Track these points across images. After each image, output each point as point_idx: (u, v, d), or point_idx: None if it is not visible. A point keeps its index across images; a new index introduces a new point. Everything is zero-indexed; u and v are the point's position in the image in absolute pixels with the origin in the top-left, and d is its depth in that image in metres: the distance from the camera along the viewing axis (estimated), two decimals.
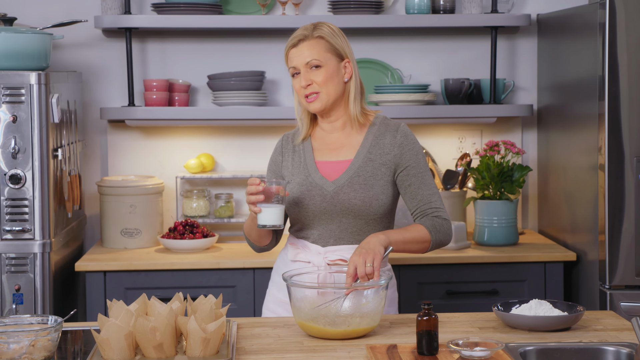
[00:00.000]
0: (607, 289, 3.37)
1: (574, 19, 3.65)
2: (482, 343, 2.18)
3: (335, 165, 2.70)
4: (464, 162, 3.92)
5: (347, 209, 2.65)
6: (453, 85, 3.93)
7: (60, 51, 3.99)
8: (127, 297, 3.49)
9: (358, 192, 2.65)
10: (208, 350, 2.15)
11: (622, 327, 2.48)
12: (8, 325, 2.23)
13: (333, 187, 2.66)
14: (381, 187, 2.67)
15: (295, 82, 2.68)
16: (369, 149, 2.69)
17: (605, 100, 3.33)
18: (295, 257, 2.70)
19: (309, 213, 2.67)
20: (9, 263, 3.35)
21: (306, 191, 2.67)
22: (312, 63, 2.64)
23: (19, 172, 3.33)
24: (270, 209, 2.54)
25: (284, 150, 2.78)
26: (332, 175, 2.68)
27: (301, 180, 2.69)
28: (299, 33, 2.68)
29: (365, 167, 2.67)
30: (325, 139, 2.74)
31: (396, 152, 2.69)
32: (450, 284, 3.59)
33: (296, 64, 2.66)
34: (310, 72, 2.65)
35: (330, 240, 2.68)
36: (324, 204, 2.66)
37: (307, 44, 2.66)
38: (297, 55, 2.66)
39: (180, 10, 3.83)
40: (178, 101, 3.95)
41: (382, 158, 2.68)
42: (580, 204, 3.59)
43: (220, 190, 4.04)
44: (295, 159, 2.74)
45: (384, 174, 2.68)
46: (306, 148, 2.74)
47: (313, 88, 2.65)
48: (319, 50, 2.65)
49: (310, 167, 2.70)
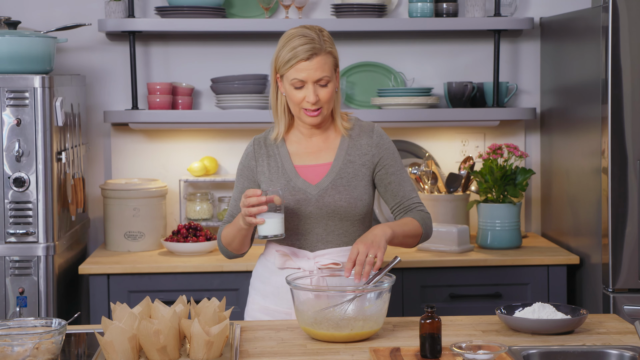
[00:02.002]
0: (610, 292, 3.37)
1: (576, 23, 3.65)
2: (485, 346, 2.18)
3: (315, 168, 2.69)
4: (467, 166, 3.92)
5: (333, 211, 2.66)
6: (456, 88, 3.93)
7: (64, 54, 4.00)
8: (130, 300, 3.49)
9: (343, 194, 2.66)
10: (211, 353, 2.16)
11: (625, 330, 2.48)
12: (12, 328, 2.23)
13: (317, 191, 2.66)
14: (363, 188, 2.68)
15: (297, 93, 2.61)
16: (347, 151, 2.70)
17: (608, 104, 3.33)
18: (283, 264, 2.68)
19: (294, 218, 2.67)
20: (13, 266, 3.35)
21: (290, 196, 2.66)
22: (323, 81, 2.61)
23: (22, 175, 3.34)
24: (273, 219, 2.51)
25: (257, 155, 2.73)
26: (314, 179, 2.68)
27: (282, 186, 2.67)
28: (309, 46, 2.59)
29: (346, 168, 2.68)
30: (302, 143, 2.73)
31: (374, 152, 2.70)
32: (454, 287, 3.59)
33: (305, 78, 2.59)
34: (318, 89, 2.61)
35: (318, 245, 2.68)
36: (309, 208, 2.66)
37: (319, 59, 2.59)
38: (309, 70, 2.59)
39: (183, 13, 3.83)
40: (181, 104, 3.95)
41: (361, 159, 2.70)
42: (583, 207, 3.59)
43: (224, 194, 4.04)
44: (271, 164, 2.71)
45: (365, 175, 2.69)
46: (282, 153, 2.71)
47: (319, 104, 2.62)
48: (329, 66, 2.62)
49: (290, 172, 2.68)
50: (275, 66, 2.64)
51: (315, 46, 2.59)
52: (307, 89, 2.60)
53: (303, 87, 2.61)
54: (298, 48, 2.59)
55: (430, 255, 3.63)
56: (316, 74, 2.59)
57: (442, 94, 4.08)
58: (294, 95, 2.62)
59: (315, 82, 2.60)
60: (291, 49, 2.60)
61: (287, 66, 2.60)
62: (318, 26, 2.67)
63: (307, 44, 2.59)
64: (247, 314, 2.79)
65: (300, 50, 2.58)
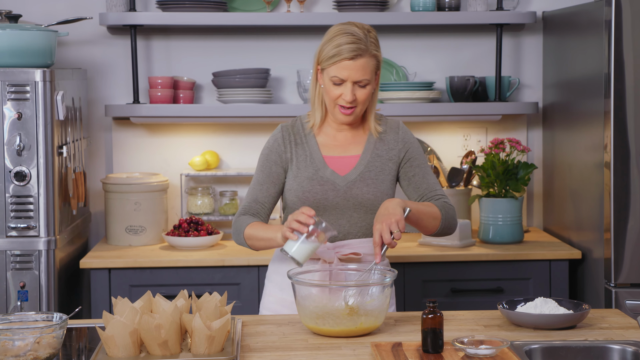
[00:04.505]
0: (612, 287, 3.37)
1: (579, 17, 3.64)
2: (487, 341, 2.18)
3: (343, 160, 2.70)
4: (469, 160, 3.92)
5: (359, 203, 2.66)
6: (458, 82, 3.93)
7: (65, 48, 3.99)
8: (131, 294, 3.49)
9: (370, 186, 2.67)
10: (213, 347, 2.15)
11: (627, 325, 2.47)
12: (13, 322, 2.23)
13: (345, 182, 2.67)
14: (389, 183, 2.70)
15: (335, 89, 2.61)
16: (375, 145, 2.71)
17: (610, 98, 3.32)
18: None
19: (320, 208, 2.67)
20: (14, 260, 3.35)
21: (318, 185, 2.67)
22: (362, 82, 2.60)
23: (24, 169, 3.34)
24: (305, 245, 2.45)
25: (285, 141, 2.73)
26: (342, 170, 2.69)
27: (310, 175, 2.68)
28: (355, 46, 2.57)
29: (374, 162, 2.69)
30: (331, 135, 2.73)
31: (400, 146, 2.72)
32: (455, 281, 3.59)
33: (346, 77, 2.59)
34: (357, 89, 2.61)
35: (339, 235, 2.68)
36: (336, 199, 2.67)
37: (363, 61, 2.58)
38: (351, 69, 2.58)
39: (185, 7, 3.82)
40: (183, 98, 3.94)
41: (388, 154, 2.71)
42: (585, 202, 3.59)
43: (225, 188, 4.04)
44: (299, 153, 2.71)
45: (391, 170, 2.70)
46: (310, 142, 2.72)
47: (354, 103, 2.63)
48: (371, 69, 2.61)
49: (318, 162, 2.69)
50: (318, 58, 2.64)
51: (360, 47, 2.58)
52: (345, 87, 2.60)
53: (342, 85, 2.61)
54: (343, 46, 2.58)
55: (432, 249, 3.63)
56: (357, 74, 2.59)
57: (444, 88, 4.07)
58: (331, 90, 2.62)
59: (354, 83, 2.60)
60: (336, 45, 2.59)
61: (330, 62, 2.60)
62: (367, 26, 2.65)
63: (353, 44, 2.58)
64: (263, 306, 2.80)
65: (346, 49, 2.57)
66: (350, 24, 2.63)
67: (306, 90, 3.88)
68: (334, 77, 2.60)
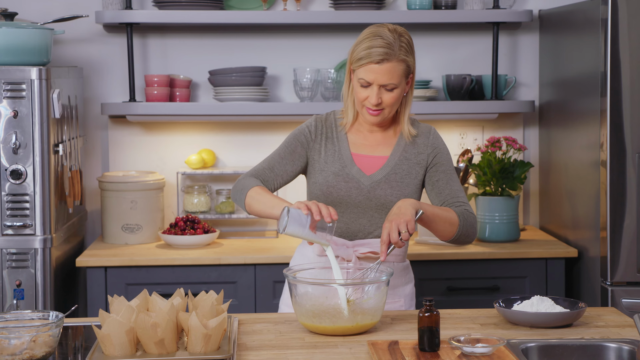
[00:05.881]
0: (608, 285, 3.37)
1: (576, 15, 3.65)
2: (483, 339, 2.18)
3: (371, 159, 2.70)
4: (465, 159, 3.92)
5: (382, 204, 2.66)
6: (454, 81, 3.93)
7: (61, 46, 3.99)
8: (128, 292, 3.48)
9: (395, 189, 2.66)
10: (209, 346, 2.15)
11: (623, 323, 2.48)
12: (9, 320, 2.23)
13: (370, 182, 2.67)
14: (415, 187, 2.69)
15: (362, 91, 2.61)
16: (405, 148, 2.71)
17: (607, 97, 3.32)
18: (322, 252, 2.67)
19: (342, 205, 2.67)
20: (10, 258, 3.35)
21: (343, 182, 2.67)
22: (389, 86, 2.60)
23: (19, 167, 3.33)
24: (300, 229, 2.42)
25: (317, 131, 2.72)
26: (368, 170, 2.69)
27: (337, 170, 2.67)
28: (383, 50, 2.57)
29: (402, 164, 2.69)
30: (362, 134, 2.73)
31: (429, 151, 2.71)
32: (452, 280, 3.59)
33: (372, 80, 2.59)
34: (383, 92, 2.60)
35: (358, 234, 2.69)
36: (359, 198, 2.66)
37: (390, 65, 2.57)
38: (377, 73, 2.57)
39: (181, 5, 3.82)
40: (179, 97, 3.94)
41: (417, 157, 2.70)
42: (581, 201, 3.59)
43: (221, 186, 4.04)
44: (328, 146, 2.71)
45: (418, 174, 2.70)
46: (341, 138, 2.72)
47: (381, 106, 2.62)
48: (399, 74, 2.59)
49: (346, 158, 2.69)
50: (350, 59, 2.64)
51: (388, 51, 2.57)
52: (371, 90, 2.60)
53: (368, 87, 2.61)
54: (372, 49, 2.57)
55: (429, 248, 3.63)
56: (383, 78, 2.58)
57: (440, 87, 4.07)
58: (359, 92, 2.63)
59: (381, 86, 2.59)
60: (366, 47, 2.59)
61: (358, 64, 2.60)
62: (401, 29, 2.63)
63: (381, 47, 2.57)
64: (282, 301, 2.81)
65: (374, 52, 2.57)
66: (382, 27, 2.62)
67: (303, 89, 3.88)
68: (361, 79, 2.60)
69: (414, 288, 2.81)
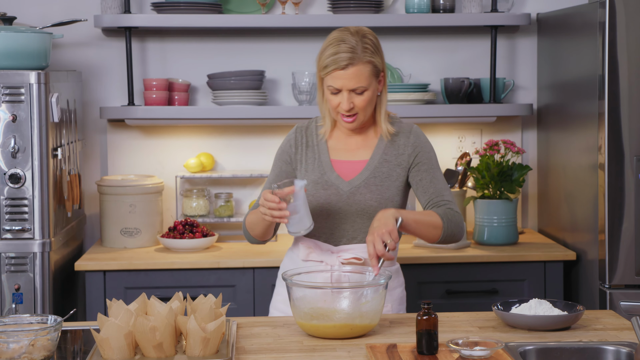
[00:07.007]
0: (606, 288, 3.37)
1: (574, 18, 3.65)
2: (481, 342, 2.18)
3: (351, 165, 2.70)
4: (463, 162, 3.92)
5: (362, 210, 2.66)
6: (453, 84, 3.93)
7: (60, 50, 3.99)
8: (126, 296, 3.48)
9: (374, 193, 2.66)
10: (208, 349, 2.15)
11: (621, 326, 2.48)
12: (8, 324, 2.23)
13: (349, 187, 2.66)
14: (396, 189, 2.68)
15: (333, 98, 2.61)
16: (384, 150, 2.70)
17: (605, 100, 3.33)
18: (307, 256, 2.69)
19: (323, 212, 2.67)
20: (9, 262, 3.35)
21: (322, 190, 2.67)
22: (359, 90, 2.60)
23: (18, 171, 3.33)
24: (298, 216, 2.48)
25: (297, 143, 2.74)
26: (347, 175, 2.68)
27: (316, 178, 2.68)
28: (347, 55, 2.56)
29: (381, 167, 2.68)
30: (342, 139, 2.73)
31: (410, 151, 2.70)
32: (450, 283, 3.59)
33: (341, 86, 2.59)
34: (354, 97, 2.60)
35: (342, 240, 2.68)
36: (339, 204, 2.66)
37: (356, 69, 2.57)
38: (344, 79, 2.57)
39: (180, 9, 3.82)
40: (178, 100, 3.94)
41: (397, 159, 2.69)
42: (580, 204, 3.59)
43: (220, 190, 4.04)
44: (309, 154, 2.72)
45: (399, 175, 2.69)
46: (321, 145, 2.72)
47: (354, 110, 2.62)
48: (366, 76, 2.59)
49: (325, 165, 2.69)
50: (318, 67, 2.64)
51: (353, 55, 2.57)
52: (342, 96, 2.60)
53: (338, 94, 2.61)
54: (336, 55, 2.57)
55: (427, 251, 3.63)
56: (351, 83, 2.58)
57: (439, 90, 4.07)
58: (330, 99, 2.63)
59: (350, 91, 2.59)
60: (330, 54, 2.58)
61: (325, 72, 2.60)
62: (364, 30, 2.63)
63: (345, 52, 2.57)
64: (272, 305, 2.81)
65: (338, 58, 2.57)
66: (344, 31, 2.61)
67: (301, 92, 3.88)
68: (330, 86, 2.60)
69: (404, 292, 2.80)
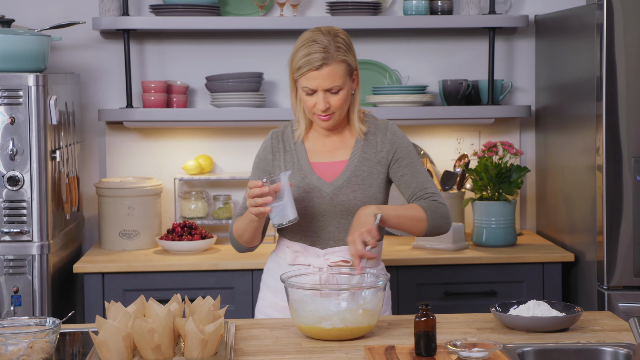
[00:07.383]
0: (605, 289, 3.37)
1: (571, 20, 3.66)
2: (480, 344, 2.18)
3: (331, 166, 2.69)
4: (462, 163, 3.92)
5: (346, 209, 2.66)
6: (451, 86, 3.93)
7: (58, 53, 3.99)
8: (125, 298, 3.48)
9: (357, 192, 2.65)
10: (206, 351, 2.15)
11: (620, 327, 2.48)
12: (6, 327, 2.23)
13: (331, 189, 2.66)
14: (378, 187, 2.68)
15: (308, 99, 2.62)
16: (363, 149, 2.70)
17: (603, 101, 3.33)
18: (294, 260, 2.69)
19: (307, 215, 2.67)
20: (7, 265, 3.34)
21: (304, 193, 2.66)
22: (334, 89, 2.60)
23: (17, 173, 3.33)
24: (281, 205, 2.50)
25: (274, 149, 2.74)
26: (329, 177, 2.68)
27: (297, 183, 2.68)
28: (320, 55, 2.57)
29: (362, 166, 2.68)
30: (319, 141, 2.73)
31: (388, 148, 2.70)
32: (449, 285, 3.59)
33: (316, 87, 2.59)
34: (329, 96, 2.61)
35: (329, 242, 2.68)
36: (322, 206, 2.66)
37: (330, 69, 2.58)
38: (319, 79, 2.58)
39: (178, 11, 3.83)
40: (176, 103, 3.95)
41: (376, 156, 2.70)
42: (578, 205, 3.59)
43: (219, 192, 4.04)
44: (287, 159, 2.72)
45: (380, 173, 2.69)
46: (299, 149, 2.72)
47: (330, 110, 2.63)
48: (340, 75, 2.59)
49: (305, 168, 2.69)
50: (291, 69, 2.64)
51: (326, 55, 2.57)
52: (317, 96, 2.61)
53: (314, 95, 2.61)
54: (310, 56, 2.58)
55: (425, 253, 3.63)
56: (326, 83, 2.58)
57: (437, 92, 4.08)
58: (306, 100, 2.63)
59: (326, 91, 2.59)
60: (303, 55, 2.59)
61: (299, 73, 2.61)
62: (335, 30, 2.63)
63: (317, 53, 2.57)
64: (258, 309, 2.81)
65: (312, 59, 2.57)
66: (316, 31, 2.62)
67: None
68: (305, 87, 2.61)
69: (389, 291, 2.80)
